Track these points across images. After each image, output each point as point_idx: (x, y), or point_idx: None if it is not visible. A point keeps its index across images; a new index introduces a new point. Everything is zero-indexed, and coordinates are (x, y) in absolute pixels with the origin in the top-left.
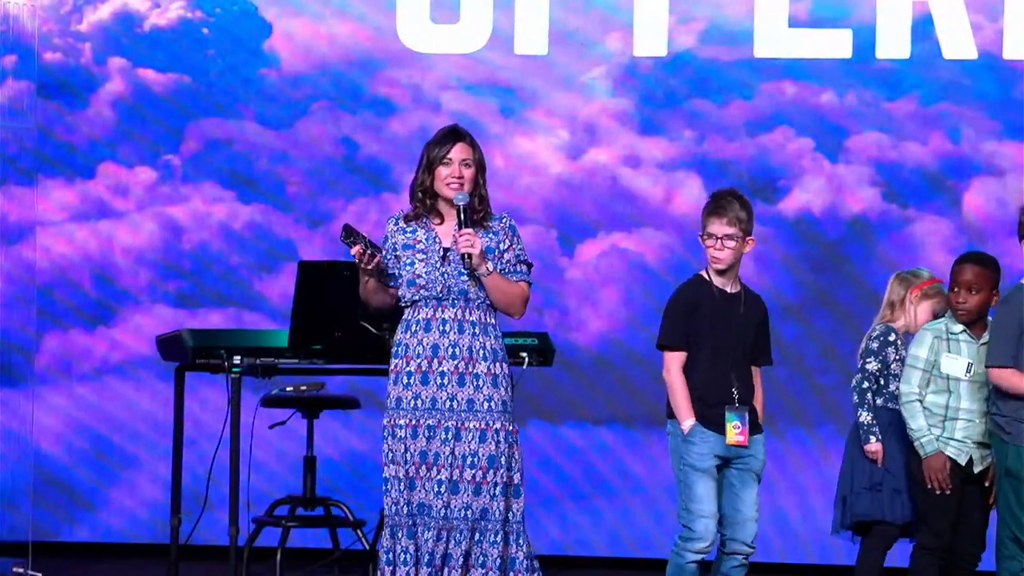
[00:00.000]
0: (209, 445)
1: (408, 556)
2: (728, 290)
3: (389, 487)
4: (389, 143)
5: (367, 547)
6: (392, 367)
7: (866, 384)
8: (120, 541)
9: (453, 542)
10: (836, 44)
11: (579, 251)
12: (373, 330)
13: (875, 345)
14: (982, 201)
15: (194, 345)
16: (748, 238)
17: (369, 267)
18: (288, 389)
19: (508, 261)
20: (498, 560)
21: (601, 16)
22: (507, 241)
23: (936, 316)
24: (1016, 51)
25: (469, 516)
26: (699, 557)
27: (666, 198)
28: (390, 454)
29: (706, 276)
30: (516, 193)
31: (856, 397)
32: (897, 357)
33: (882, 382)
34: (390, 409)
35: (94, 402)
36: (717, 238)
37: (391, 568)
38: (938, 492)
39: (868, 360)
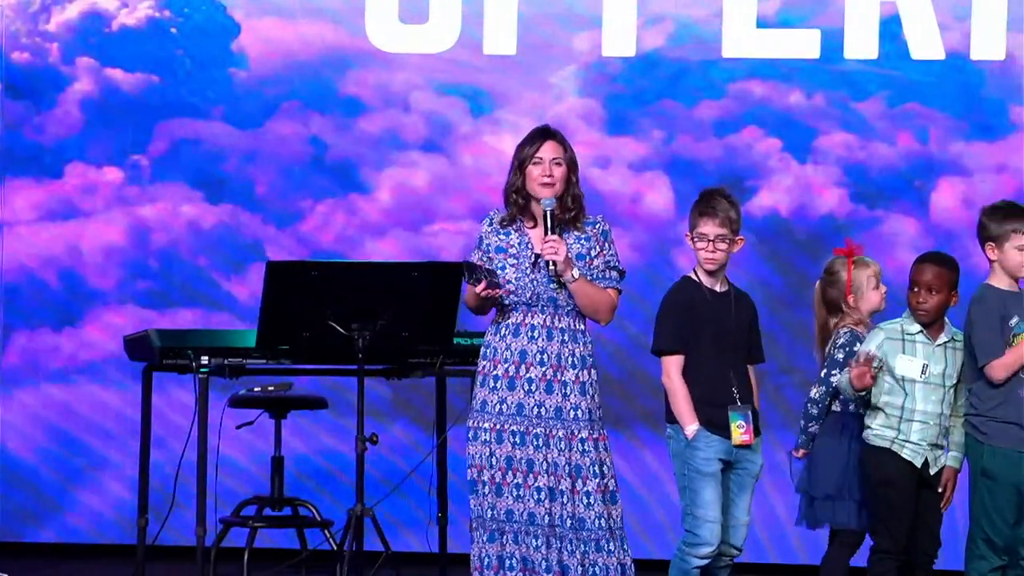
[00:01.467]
0: (177, 445)
1: (515, 561)
2: (718, 289)
3: (475, 489)
4: (358, 143)
5: (334, 547)
6: (480, 369)
7: (828, 400)
8: (87, 542)
9: (566, 552)
10: (804, 44)
11: None
12: (341, 330)
13: (840, 356)
14: (949, 201)
15: (161, 345)
16: (738, 237)
17: (491, 298)
18: (256, 389)
19: (597, 267)
20: (606, 568)
21: (569, 16)
22: (598, 246)
23: (879, 278)
24: (983, 52)
25: (571, 525)
26: (703, 562)
27: (635, 198)
28: (475, 457)
29: (695, 277)
30: (485, 193)
31: (814, 410)
32: None
33: None
34: (474, 411)
35: (61, 402)
36: (709, 240)
37: (478, 573)
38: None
39: (833, 372)
